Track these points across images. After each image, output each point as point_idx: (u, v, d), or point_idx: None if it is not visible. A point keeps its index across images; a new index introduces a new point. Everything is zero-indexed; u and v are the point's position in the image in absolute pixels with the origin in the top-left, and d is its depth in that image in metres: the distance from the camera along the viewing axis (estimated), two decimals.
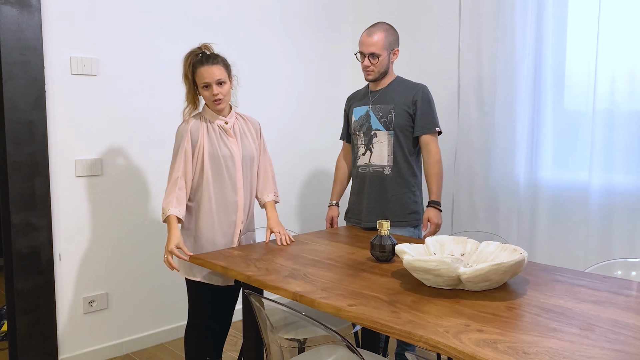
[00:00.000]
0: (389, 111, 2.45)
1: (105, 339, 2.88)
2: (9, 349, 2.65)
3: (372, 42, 2.39)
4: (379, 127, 2.47)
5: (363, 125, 2.52)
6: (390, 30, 2.44)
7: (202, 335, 2.26)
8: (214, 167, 2.19)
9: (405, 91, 2.47)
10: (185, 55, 2.16)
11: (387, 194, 2.49)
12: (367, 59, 2.42)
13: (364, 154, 2.54)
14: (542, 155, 2.84)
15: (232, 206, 2.23)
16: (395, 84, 2.50)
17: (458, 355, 1.19)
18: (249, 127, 2.32)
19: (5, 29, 2.44)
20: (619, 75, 2.53)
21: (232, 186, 2.22)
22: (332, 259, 1.98)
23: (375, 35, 2.39)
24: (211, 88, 2.13)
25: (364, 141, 2.53)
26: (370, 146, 2.51)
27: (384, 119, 2.46)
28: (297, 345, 2.25)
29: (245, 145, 2.26)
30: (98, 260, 2.82)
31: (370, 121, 2.50)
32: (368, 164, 2.53)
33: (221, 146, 2.19)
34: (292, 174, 3.65)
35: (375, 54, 2.40)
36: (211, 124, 2.21)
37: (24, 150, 2.52)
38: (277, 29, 3.48)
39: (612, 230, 2.59)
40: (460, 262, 1.55)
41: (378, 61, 2.41)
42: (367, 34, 2.41)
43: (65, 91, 2.65)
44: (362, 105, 2.55)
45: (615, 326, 1.32)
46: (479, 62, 3.06)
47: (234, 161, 2.22)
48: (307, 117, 3.71)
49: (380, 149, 2.48)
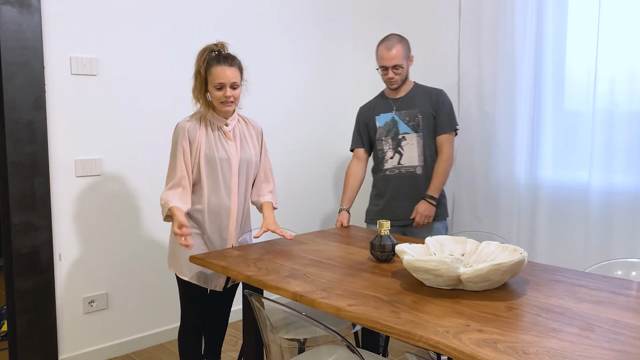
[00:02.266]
0: (416, 115, 2.63)
1: (105, 339, 2.88)
2: (9, 349, 2.65)
3: (393, 56, 2.56)
4: (408, 131, 2.65)
5: (390, 130, 2.68)
6: (404, 40, 2.61)
7: (194, 336, 2.22)
8: (209, 170, 2.13)
9: (426, 95, 2.66)
10: (201, 51, 2.10)
11: (420, 192, 2.65)
12: (391, 71, 2.59)
13: (391, 158, 2.68)
14: (542, 155, 2.84)
15: (225, 211, 2.18)
16: (415, 90, 2.69)
17: (458, 355, 1.19)
18: (250, 131, 2.26)
19: (5, 29, 2.44)
20: (619, 75, 2.53)
21: (226, 191, 2.17)
22: (332, 259, 1.98)
23: (394, 48, 2.55)
24: (224, 90, 2.06)
25: (391, 145, 2.68)
26: (399, 149, 2.66)
27: (411, 122, 2.64)
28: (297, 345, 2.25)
29: (244, 149, 2.20)
30: (98, 260, 2.82)
31: (397, 126, 2.66)
32: (398, 166, 2.67)
33: (219, 149, 2.14)
34: (291, 174, 3.65)
35: (398, 65, 2.58)
36: (211, 125, 2.15)
37: (24, 150, 2.52)
38: (277, 30, 3.48)
39: (612, 230, 2.59)
40: (460, 262, 1.55)
41: (401, 71, 2.60)
42: (386, 49, 2.56)
43: (65, 91, 2.65)
44: (385, 112, 2.70)
45: (615, 326, 1.32)
46: (479, 62, 3.06)
47: (230, 165, 2.16)
48: (307, 116, 3.71)
49: (410, 151, 2.65)
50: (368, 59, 3.79)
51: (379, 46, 2.61)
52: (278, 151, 3.56)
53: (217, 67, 2.05)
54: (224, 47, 2.12)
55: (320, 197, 3.83)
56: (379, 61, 2.61)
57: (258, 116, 3.43)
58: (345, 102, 3.92)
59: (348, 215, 2.68)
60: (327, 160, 3.85)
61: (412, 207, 2.66)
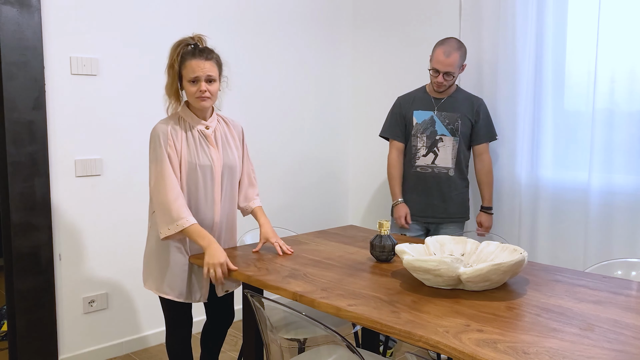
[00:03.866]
0: (456, 119, 2.68)
1: (105, 339, 2.88)
2: (9, 349, 2.65)
3: (449, 63, 2.56)
4: (445, 133, 2.68)
5: (427, 129, 2.70)
6: (463, 48, 2.62)
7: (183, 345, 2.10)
8: (189, 179, 1.96)
9: (468, 101, 2.71)
10: (175, 44, 1.95)
11: (452, 193, 2.74)
12: (442, 76, 2.59)
13: (425, 156, 2.72)
14: (542, 155, 2.84)
15: (208, 224, 2.02)
16: (458, 94, 2.73)
17: (458, 355, 1.19)
18: (231, 133, 2.10)
19: (5, 29, 2.44)
20: (619, 75, 2.53)
21: (208, 201, 2.00)
22: (332, 259, 1.98)
23: (452, 56, 2.56)
24: (199, 84, 1.90)
25: (426, 144, 2.71)
26: (434, 149, 2.70)
27: (450, 125, 2.68)
28: (297, 345, 2.25)
29: (227, 153, 2.04)
30: (98, 260, 2.82)
31: (435, 126, 2.69)
32: (432, 165, 2.72)
33: (200, 155, 1.96)
34: (290, 175, 3.65)
35: (451, 73, 2.59)
36: (190, 129, 1.97)
37: (24, 150, 2.52)
38: (276, 30, 3.48)
39: (612, 230, 2.59)
40: (460, 262, 1.55)
41: (452, 79, 2.62)
42: (444, 54, 2.56)
43: (65, 91, 2.65)
44: (425, 109, 2.71)
45: (615, 326, 1.32)
46: (479, 62, 3.06)
47: (212, 172, 1.99)
48: (307, 117, 3.71)
49: (445, 153, 2.70)
50: (367, 59, 3.78)
51: (437, 48, 2.59)
52: (277, 151, 3.56)
53: (192, 60, 1.89)
54: (200, 40, 1.96)
55: (320, 197, 3.83)
56: (433, 63, 2.61)
57: (256, 117, 3.43)
58: (344, 102, 3.92)
59: (406, 207, 2.74)
60: (327, 160, 3.85)
61: (441, 207, 2.74)
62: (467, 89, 3.12)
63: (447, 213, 2.75)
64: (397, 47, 3.57)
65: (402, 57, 3.54)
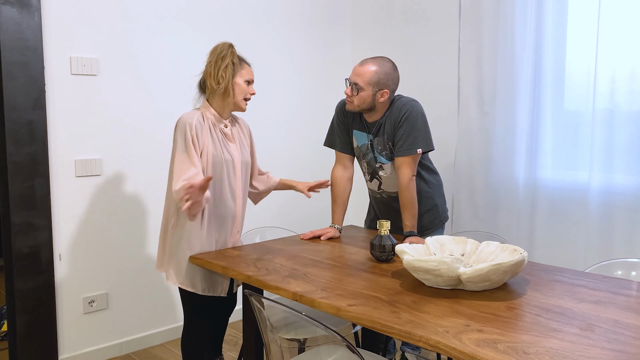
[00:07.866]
0: (386, 143, 2.31)
1: (105, 339, 2.88)
2: (9, 349, 2.65)
3: (357, 72, 2.19)
4: (383, 161, 2.34)
5: (366, 154, 2.38)
6: (385, 69, 2.19)
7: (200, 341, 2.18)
8: (215, 173, 2.05)
9: (392, 119, 2.28)
10: (227, 44, 2.05)
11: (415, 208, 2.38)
12: (349, 86, 2.22)
13: (370, 181, 2.45)
14: (542, 155, 2.84)
15: (230, 217, 2.12)
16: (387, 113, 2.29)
17: (458, 355, 1.19)
18: (243, 131, 2.23)
19: (5, 29, 2.44)
20: (619, 75, 2.53)
21: (231, 194, 2.10)
22: (332, 259, 1.98)
23: (366, 66, 2.18)
24: (251, 86, 2.11)
25: (368, 170, 2.42)
26: (377, 176, 2.41)
27: (384, 151, 2.33)
28: (297, 345, 2.25)
29: (242, 150, 2.17)
30: (98, 260, 2.82)
31: (374, 153, 2.36)
32: (380, 191, 2.44)
33: (224, 151, 2.07)
34: (290, 175, 3.65)
35: (357, 86, 2.18)
36: (213, 126, 2.07)
37: (24, 150, 2.52)
38: (276, 30, 3.48)
39: (612, 230, 2.59)
40: (460, 262, 1.55)
41: (358, 94, 2.19)
42: (360, 62, 2.23)
43: (65, 91, 2.65)
44: (361, 131, 2.37)
45: (615, 326, 1.32)
46: (479, 62, 3.06)
47: (234, 167, 2.11)
48: (306, 117, 3.71)
49: (388, 179, 2.38)
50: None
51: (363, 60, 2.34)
52: (277, 151, 3.56)
53: (245, 64, 2.10)
54: None
55: (320, 197, 3.83)
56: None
57: (257, 116, 3.43)
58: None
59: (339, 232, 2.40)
60: (327, 160, 3.84)
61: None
62: (467, 89, 3.12)
63: (421, 225, 2.43)
64: (396, 47, 3.57)
65: (402, 57, 3.54)
